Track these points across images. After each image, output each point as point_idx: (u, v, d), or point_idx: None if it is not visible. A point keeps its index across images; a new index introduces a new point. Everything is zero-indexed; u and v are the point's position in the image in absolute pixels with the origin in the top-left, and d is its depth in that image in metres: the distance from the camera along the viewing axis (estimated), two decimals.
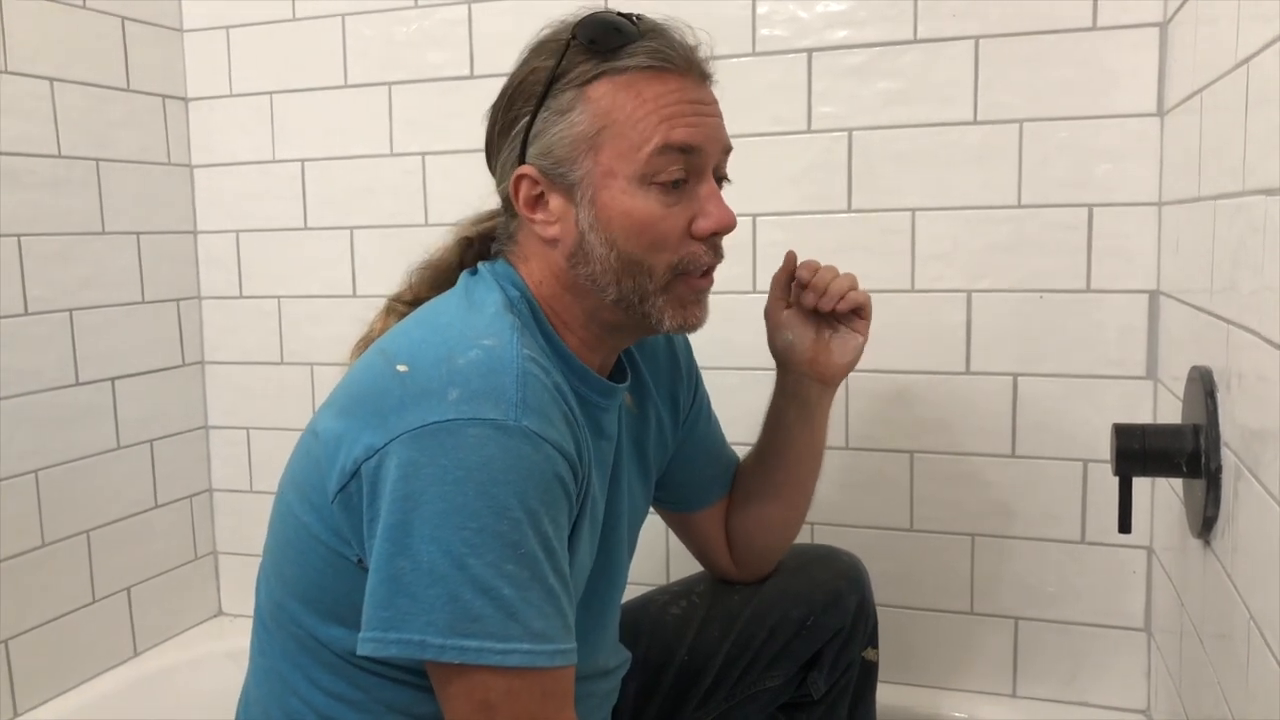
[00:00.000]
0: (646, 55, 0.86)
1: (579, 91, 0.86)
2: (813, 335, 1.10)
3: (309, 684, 0.88)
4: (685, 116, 0.86)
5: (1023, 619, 1.47)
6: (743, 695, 1.18)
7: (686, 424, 1.14)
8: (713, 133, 0.89)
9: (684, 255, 0.89)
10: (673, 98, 0.86)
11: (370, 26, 1.67)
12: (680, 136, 0.86)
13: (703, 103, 0.89)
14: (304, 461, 0.88)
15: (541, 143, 0.88)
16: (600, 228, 0.87)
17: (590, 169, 0.86)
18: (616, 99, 0.86)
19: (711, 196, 0.89)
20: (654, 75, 0.86)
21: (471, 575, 0.75)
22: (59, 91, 1.54)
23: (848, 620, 1.18)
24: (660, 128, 0.85)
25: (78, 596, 1.59)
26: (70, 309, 1.57)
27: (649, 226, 0.86)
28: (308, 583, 0.86)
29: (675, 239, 0.88)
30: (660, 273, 0.88)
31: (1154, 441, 1.02)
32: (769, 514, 1.16)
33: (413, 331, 0.86)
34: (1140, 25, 1.32)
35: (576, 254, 0.88)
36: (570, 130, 0.86)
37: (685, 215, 0.88)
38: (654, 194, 0.86)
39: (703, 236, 0.89)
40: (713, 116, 0.89)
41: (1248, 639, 0.84)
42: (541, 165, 0.88)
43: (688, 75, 0.88)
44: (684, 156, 0.86)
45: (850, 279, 1.09)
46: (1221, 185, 0.97)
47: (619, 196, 0.86)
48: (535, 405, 0.78)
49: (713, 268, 0.92)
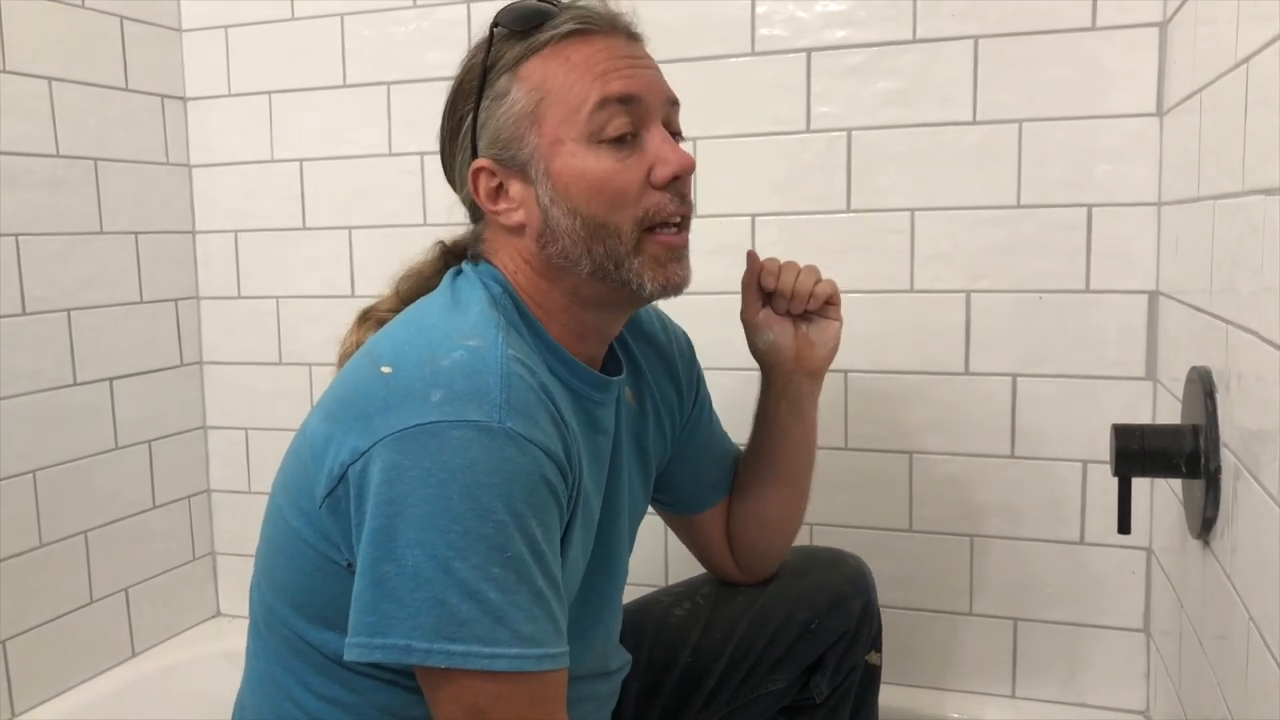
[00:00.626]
0: (570, 22, 0.87)
1: (511, 74, 0.88)
2: (792, 331, 1.10)
3: (302, 688, 0.88)
4: (618, 70, 0.87)
5: (1022, 620, 1.47)
6: (745, 699, 1.17)
7: (688, 425, 1.14)
8: (649, 82, 0.89)
9: (647, 207, 0.88)
10: (601, 55, 0.87)
11: (369, 26, 1.67)
12: (616, 88, 0.86)
13: (634, 56, 0.89)
14: (293, 465, 0.87)
15: (488, 132, 0.89)
16: (560, 198, 0.87)
17: (537, 142, 0.87)
18: (548, 69, 0.87)
19: (664, 143, 0.88)
20: (579, 39, 0.87)
21: (457, 579, 0.74)
22: (57, 91, 1.54)
23: (852, 624, 1.17)
24: (595, 85, 0.86)
25: (76, 597, 1.59)
26: (68, 309, 1.57)
27: (605, 184, 0.86)
28: (298, 587, 0.86)
29: (634, 192, 0.87)
30: (628, 231, 0.87)
31: (1153, 442, 1.02)
32: (766, 512, 1.16)
33: (398, 333, 0.86)
34: (1139, 25, 1.32)
35: (544, 233, 0.88)
36: (511, 110, 0.87)
37: (641, 167, 0.87)
38: (604, 151, 0.86)
39: (663, 184, 0.88)
40: (647, 68, 0.90)
41: (1247, 640, 0.83)
42: (492, 154, 0.89)
43: (613, 35, 0.89)
44: (624, 107, 0.86)
45: (812, 272, 1.09)
46: (1221, 185, 0.96)
47: (570, 161, 0.86)
48: (520, 407, 0.78)
49: (684, 220, 0.91)
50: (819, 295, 1.08)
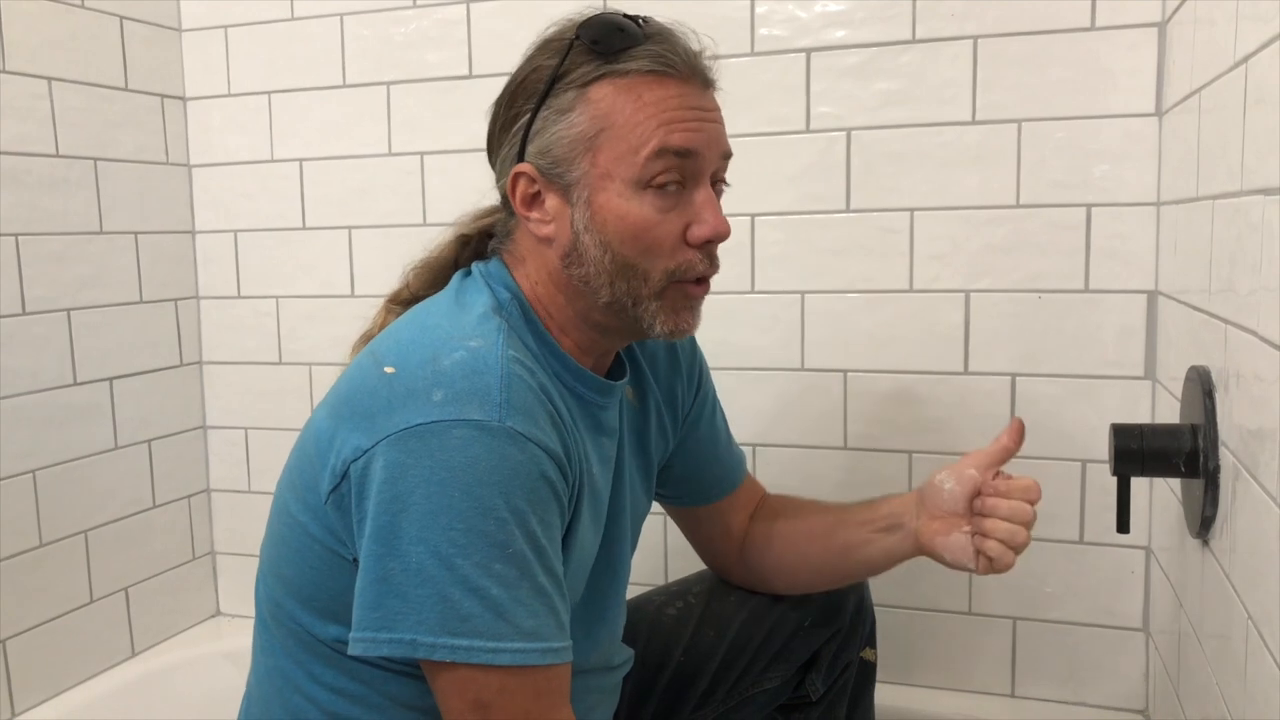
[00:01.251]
0: (649, 59, 0.86)
1: (580, 92, 0.86)
2: (960, 508, 1.01)
3: (311, 680, 0.88)
4: (684, 122, 0.86)
5: (1021, 619, 1.47)
6: (740, 697, 1.18)
7: (689, 420, 1.14)
8: (711, 139, 0.88)
9: (679, 262, 0.88)
10: (673, 103, 0.86)
11: (368, 26, 1.67)
12: (677, 141, 0.85)
13: (703, 109, 0.88)
14: (299, 461, 0.88)
15: (540, 141, 0.87)
16: (595, 230, 0.86)
17: (587, 170, 0.86)
18: (617, 102, 0.85)
19: (707, 204, 0.88)
20: (655, 80, 0.86)
21: (460, 575, 0.75)
22: (57, 91, 1.54)
23: (846, 621, 1.18)
24: (658, 132, 0.85)
25: (75, 596, 1.59)
26: (68, 309, 1.57)
27: (644, 231, 0.86)
28: (304, 581, 0.87)
29: (670, 245, 0.87)
30: (656, 278, 0.88)
31: (1152, 441, 1.02)
32: (802, 575, 1.15)
33: (401, 333, 0.86)
34: (1138, 25, 1.32)
35: (570, 254, 0.88)
36: (569, 130, 0.86)
37: (680, 221, 0.87)
38: (649, 198, 0.86)
39: (698, 244, 0.88)
40: (713, 123, 0.89)
41: (1246, 639, 0.84)
42: (539, 164, 0.88)
43: (690, 81, 0.88)
44: (680, 161, 0.86)
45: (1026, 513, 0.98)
46: (1220, 185, 0.97)
47: (614, 200, 0.86)
48: (520, 406, 0.79)
49: (708, 276, 0.91)
50: (1011, 537, 0.97)
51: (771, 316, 1.52)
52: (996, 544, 0.97)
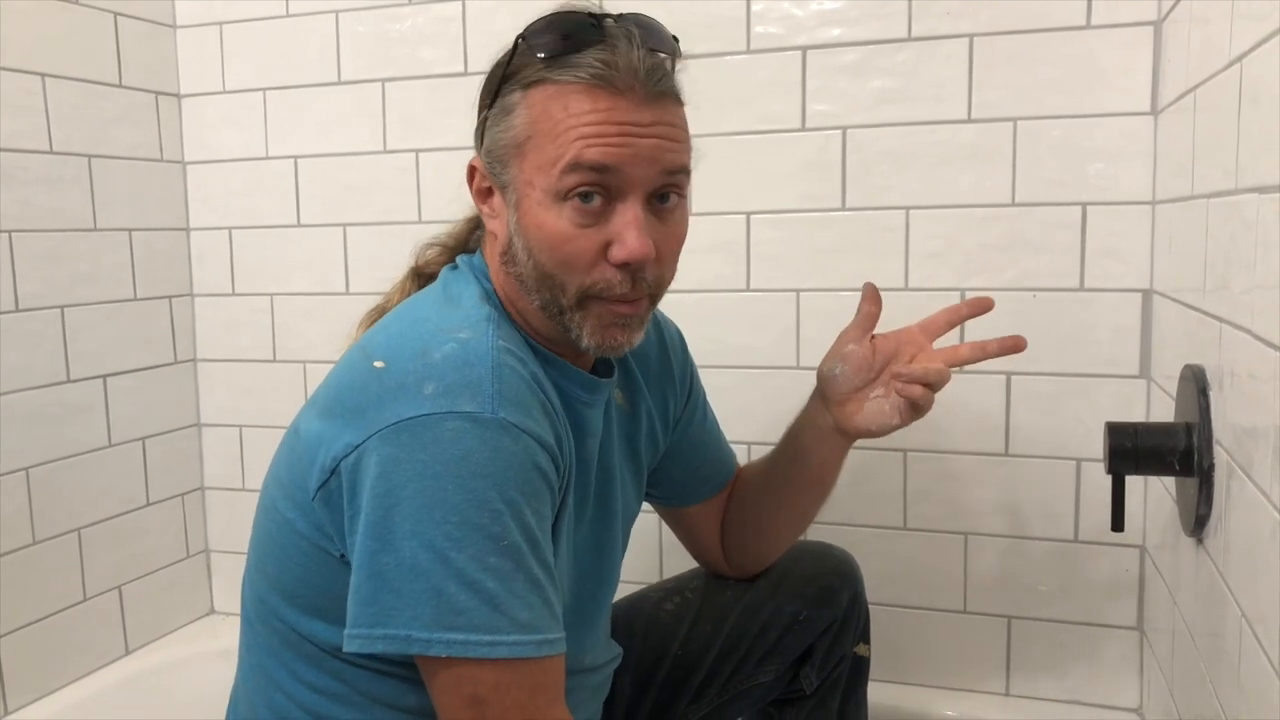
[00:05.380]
0: (586, 69, 0.82)
1: (522, 94, 0.85)
2: (859, 383, 1.06)
3: (293, 679, 0.88)
4: (606, 137, 0.82)
5: (1016, 618, 1.47)
6: (735, 691, 1.18)
7: (680, 421, 1.14)
8: (642, 154, 0.83)
9: (596, 280, 0.84)
10: (598, 116, 0.82)
11: (363, 23, 1.66)
12: (593, 156, 0.81)
13: (635, 124, 0.83)
14: (287, 458, 0.88)
15: (488, 138, 0.88)
16: (521, 234, 0.86)
17: (516, 175, 0.86)
18: (547, 108, 0.83)
19: (630, 224, 0.83)
20: (586, 90, 0.82)
21: (454, 569, 0.75)
22: (51, 87, 1.54)
23: (839, 615, 1.18)
24: (575, 145, 0.81)
25: (69, 594, 1.58)
26: (62, 306, 1.56)
27: (560, 244, 0.84)
28: (290, 577, 0.87)
29: (586, 261, 0.84)
30: (571, 292, 0.85)
31: (1147, 440, 1.02)
32: (768, 524, 1.16)
33: (390, 327, 0.86)
34: (1134, 24, 1.32)
35: (507, 253, 0.89)
36: (506, 133, 0.86)
37: (599, 239, 0.83)
38: (568, 212, 0.83)
39: (616, 264, 0.84)
40: (646, 139, 0.83)
41: (1240, 637, 0.84)
42: (485, 161, 0.89)
43: (626, 95, 0.82)
44: (598, 175, 0.82)
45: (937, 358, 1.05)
46: (1214, 184, 0.97)
47: (535, 208, 0.84)
48: (512, 397, 0.78)
49: (628, 298, 0.86)
50: (921, 373, 1.02)
51: (766, 315, 1.51)
52: (920, 388, 1.03)
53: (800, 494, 1.14)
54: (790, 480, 1.13)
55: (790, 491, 1.14)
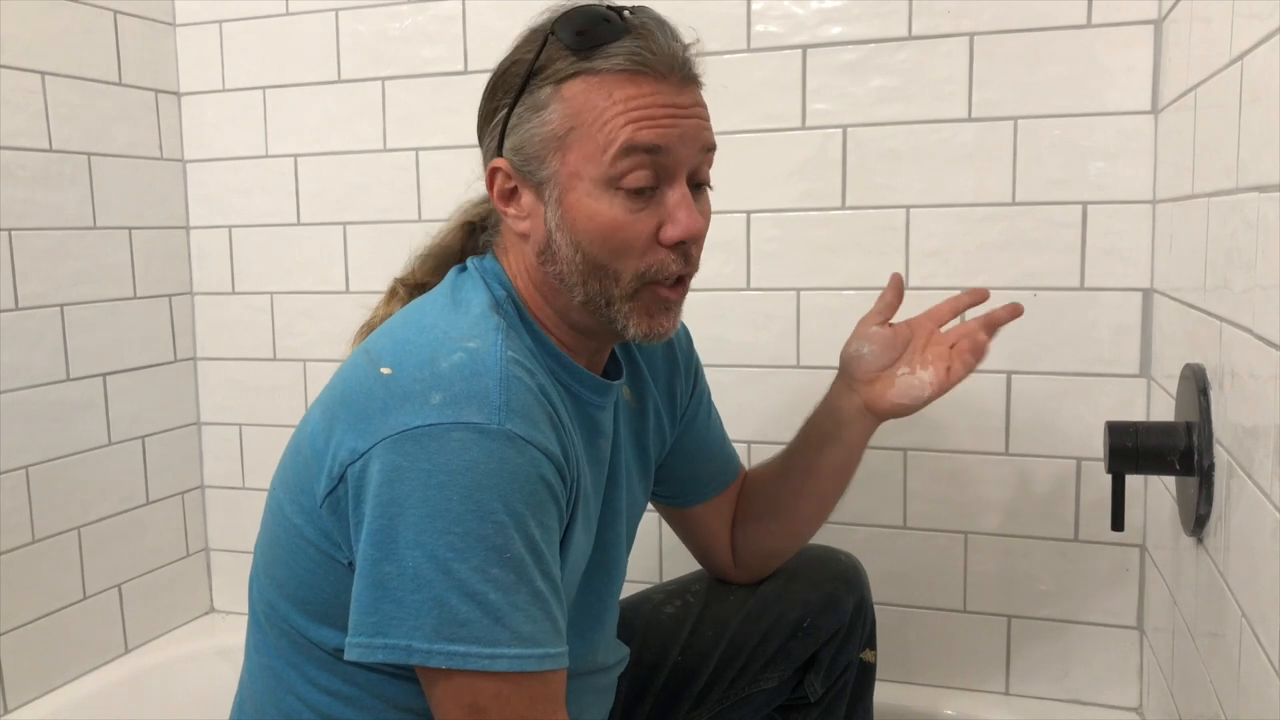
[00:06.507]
0: (624, 57, 0.84)
1: (555, 89, 0.85)
2: (886, 362, 1.08)
3: (305, 682, 0.88)
4: (655, 119, 0.83)
5: (1016, 617, 1.47)
6: (737, 697, 1.17)
7: (685, 418, 1.13)
8: (686, 135, 0.85)
9: (651, 263, 0.86)
10: (645, 100, 0.83)
11: (363, 22, 1.66)
12: (646, 137, 0.83)
13: (677, 105, 0.85)
14: (294, 462, 0.87)
15: (515, 137, 0.87)
16: (566, 229, 0.85)
17: (558, 169, 0.85)
18: (589, 100, 0.84)
19: (681, 203, 0.85)
20: (629, 78, 0.84)
21: (457, 580, 0.74)
22: (51, 86, 1.54)
23: (845, 622, 1.17)
24: (626, 129, 0.83)
25: (68, 593, 1.58)
26: (62, 304, 1.56)
27: (614, 232, 0.84)
28: (298, 583, 0.86)
29: (641, 245, 0.85)
30: (626, 279, 0.86)
31: (1147, 439, 1.02)
32: (786, 515, 1.15)
33: (397, 332, 0.85)
34: (1134, 23, 1.32)
35: (545, 252, 0.87)
36: (542, 128, 0.85)
37: (652, 221, 0.85)
38: (619, 199, 0.84)
39: (670, 244, 0.86)
40: (689, 119, 0.86)
41: (1240, 637, 0.84)
42: (514, 160, 0.87)
43: (666, 79, 0.84)
44: (650, 158, 0.83)
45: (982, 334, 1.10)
46: (1215, 183, 0.97)
47: (584, 199, 0.84)
48: (519, 408, 0.78)
49: (685, 278, 0.89)
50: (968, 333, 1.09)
51: (767, 314, 1.51)
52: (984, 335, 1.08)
53: (823, 481, 1.13)
54: (812, 468, 1.12)
55: (813, 479, 1.13)
